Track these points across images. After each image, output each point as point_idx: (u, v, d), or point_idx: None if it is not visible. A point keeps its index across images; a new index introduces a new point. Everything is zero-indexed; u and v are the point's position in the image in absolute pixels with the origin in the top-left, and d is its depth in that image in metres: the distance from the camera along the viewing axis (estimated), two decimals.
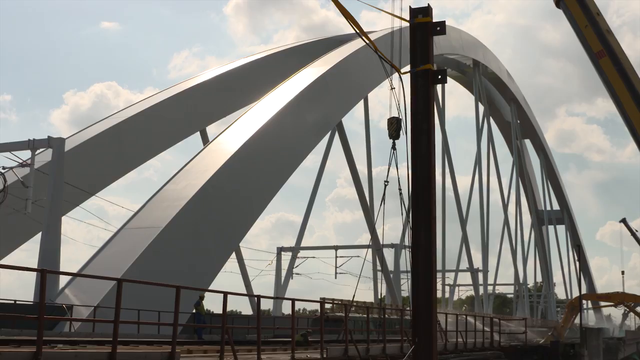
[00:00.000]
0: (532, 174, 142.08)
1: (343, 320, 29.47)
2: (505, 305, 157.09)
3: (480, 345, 42.28)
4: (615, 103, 35.88)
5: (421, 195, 14.56)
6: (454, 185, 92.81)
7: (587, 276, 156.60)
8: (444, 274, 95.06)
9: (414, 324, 14.27)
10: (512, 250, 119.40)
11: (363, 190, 64.15)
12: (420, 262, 14.25)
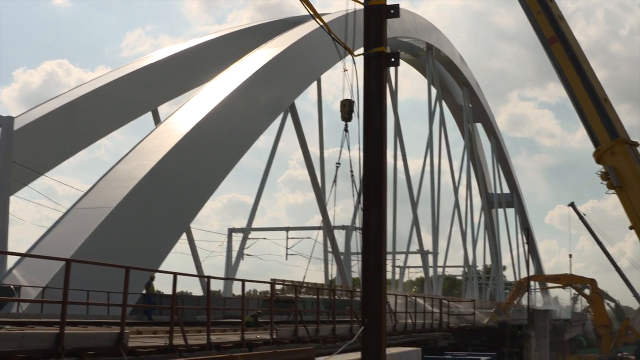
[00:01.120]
0: (483, 158, 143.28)
1: (293, 301, 29.54)
2: (455, 287, 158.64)
3: (429, 326, 42.64)
4: (566, 88, 36.21)
5: (372, 177, 14.60)
6: (405, 168, 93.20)
7: (535, 259, 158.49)
8: (395, 256, 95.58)
9: (364, 305, 14.33)
10: (462, 232, 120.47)
11: (315, 171, 64.17)
12: (370, 243, 14.31)
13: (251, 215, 76.45)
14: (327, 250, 72.47)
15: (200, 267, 58.41)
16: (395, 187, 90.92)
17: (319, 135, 74.85)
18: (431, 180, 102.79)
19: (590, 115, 34.72)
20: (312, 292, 41.04)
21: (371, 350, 14.21)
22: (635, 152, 34.25)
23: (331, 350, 14.75)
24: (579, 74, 35.36)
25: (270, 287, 32.10)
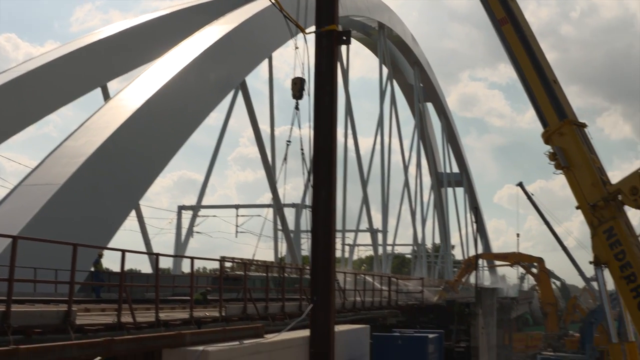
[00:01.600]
0: (433, 137, 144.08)
1: (242, 279, 29.53)
2: (404, 265, 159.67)
3: (378, 304, 42.91)
4: (516, 69, 36.40)
5: (322, 155, 14.62)
6: (355, 146, 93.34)
7: (483, 238, 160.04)
8: (344, 234, 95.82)
9: (313, 282, 14.39)
10: (412, 211, 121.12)
11: (265, 149, 64.01)
12: (320, 221, 14.35)
13: (201, 193, 76.13)
14: (277, 228, 72.46)
15: (149, 244, 58.06)
16: (345, 166, 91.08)
17: (269, 113, 74.72)
18: (381, 159, 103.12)
19: (539, 96, 34.97)
20: (261, 269, 41.01)
21: (320, 327, 14.28)
22: (583, 134, 34.57)
23: (280, 328, 14.79)
24: (529, 55, 35.56)
25: (219, 265, 32.06)
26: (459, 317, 47.69)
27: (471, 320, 47.90)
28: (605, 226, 32.64)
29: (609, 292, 37.73)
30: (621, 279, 32.29)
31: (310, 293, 14.34)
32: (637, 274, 31.73)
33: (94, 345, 13.81)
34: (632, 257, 31.97)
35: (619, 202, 32.77)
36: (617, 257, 32.28)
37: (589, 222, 33.45)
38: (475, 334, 47.56)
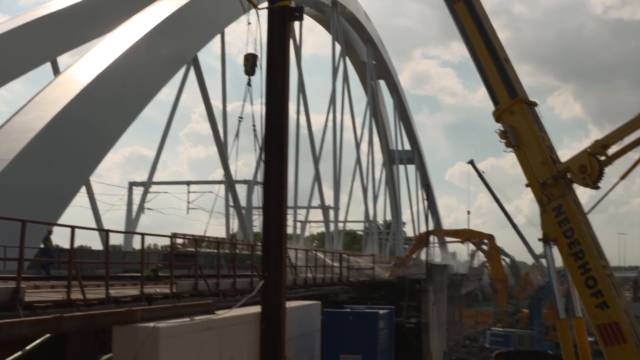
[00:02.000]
0: (385, 114, 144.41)
1: (194, 255, 29.45)
2: (355, 242, 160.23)
3: (330, 280, 43.07)
4: (468, 48, 36.48)
5: (274, 132, 14.60)
6: (308, 123, 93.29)
7: (434, 215, 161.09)
8: (296, 211, 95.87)
9: (264, 259, 14.40)
10: (363, 188, 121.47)
11: (217, 125, 63.76)
12: (271, 197, 14.34)
13: (152, 169, 75.63)
14: (228, 204, 72.30)
15: (100, 221, 57.65)
16: (297, 142, 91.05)
17: (221, 89, 74.41)
18: (333, 136, 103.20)
19: (490, 74, 35.11)
20: (213, 246, 40.92)
21: (271, 303, 14.31)
22: (534, 112, 34.79)
23: (231, 304, 14.79)
24: (481, 34, 35.65)
25: (170, 241, 31.96)
26: (410, 293, 48.01)
27: (422, 297, 48.22)
28: (554, 204, 32.98)
29: (557, 268, 38.20)
30: (569, 256, 32.68)
31: (262, 269, 14.35)
32: (585, 251, 32.14)
33: (43, 323, 13.69)
34: (580, 234, 32.36)
35: (568, 180, 33.12)
36: (566, 234, 32.65)
37: (538, 199, 33.78)
38: (425, 310, 47.91)
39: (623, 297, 33.60)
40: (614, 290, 32.07)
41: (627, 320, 31.82)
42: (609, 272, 32.75)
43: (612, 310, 31.64)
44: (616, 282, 33.34)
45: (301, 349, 16.46)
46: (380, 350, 16.17)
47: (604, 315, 31.84)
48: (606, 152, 32.20)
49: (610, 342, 31.71)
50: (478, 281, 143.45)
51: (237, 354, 13.55)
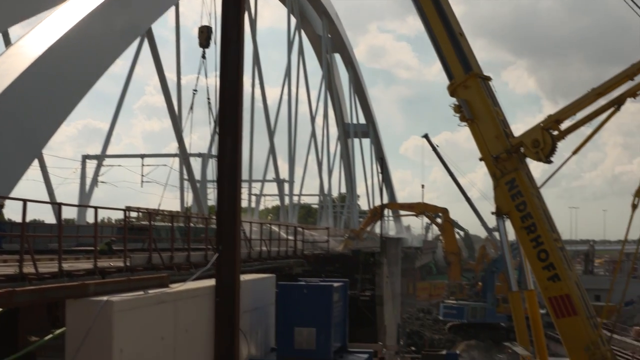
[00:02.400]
0: (340, 88, 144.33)
1: (148, 228, 29.34)
2: (310, 215, 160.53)
3: (284, 253, 43.17)
4: (423, 22, 36.49)
5: (229, 105, 14.52)
6: (263, 96, 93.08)
7: (389, 188, 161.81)
8: (251, 184, 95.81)
9: (218, 232, 14.36)
10: (318, 161, 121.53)
11: (171, 98, 63.30)
12: (225, 171, 14.28)
13: (106, 142, 74.87)
14: (183, 177, 71.97)
15: (52, 194, 57.08)
16: (252, 116, 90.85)
17: (176, 62, 73.74)
18: (288, 110, 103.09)
19: (445, 49, 35.18)
20: (167, 219, 40.77)
21: (225, 276, 14.29)
22: (488, 87, 34.97)
23: (185, 277, 14.76)
24: (436, 7, 35.68)
25: (124, 215, 31.79)
26: (364, 266, 48.28)
27: (376, 270, 48.54)
28: (508, 178, 33.25)
29: (510, 242, 38.61)
30: (522, 230, 33.01)
31: (216, 243, 14.32)
32: (537, 224, 32.49)
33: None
34: (533, 208, 32.69)
35: (521, 154, 33.40)
36: (519, 208, 32.97)
37: (491, 173, 34.03)
38: (379, 282, 48.22)
39: (574, 270, 34.06)
40: (565, 263, 32.49)
41: (578, 293, 32.27)
42: (560, 246, 33.16)
43: (563, 283, 32.07)
44: (568, 256, 33.78)
45: (255, 321, 16.48)
46: (334, 322, 16.22)
47: (555, 287, 32.25)
48: (559, 126, 32.52)
49: (561, 314, 32.16)
50: (432, 254, 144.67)
51: (192, 327, 13.53)
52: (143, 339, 11.96)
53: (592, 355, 31.36)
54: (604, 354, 31.65)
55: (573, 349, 32.24)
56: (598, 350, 31.51)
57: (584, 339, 31.73)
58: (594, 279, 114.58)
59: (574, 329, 32.01)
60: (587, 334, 31.74)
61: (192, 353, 13.68)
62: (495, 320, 78.19)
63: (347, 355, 17.37)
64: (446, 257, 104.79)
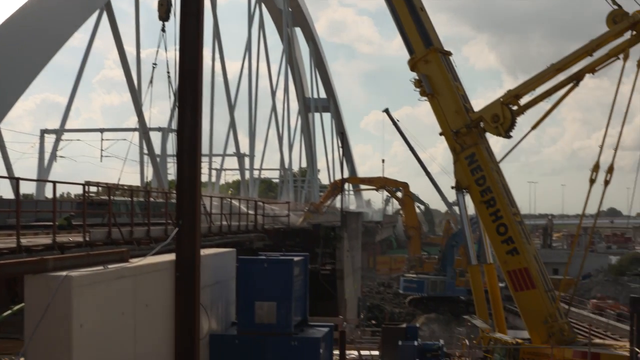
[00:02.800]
0: (301, 62, 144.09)
1: (108, 203, 29.17)
2: (271, 190, 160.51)
3: (245, 228, 43.15)
4: None
5: (188, 78, 14.43)
6: (223, 70, 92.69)
7: (349, 162, 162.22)
8: (211, 158, 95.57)
9: (179, 207, 14.30)
10: (279, 136, 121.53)
11: (131, 72, 62.83)
12: (185, 145, 14.21)
13: (64, 116, 74.25)
14: (142, 152, 71.57)
15: (10, 169, 56.53)
16: (212, 90, 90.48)
17: (135, 35, 73.09)
18: (249, 84, 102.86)
19: (406, 23, 35.21)
20: (127, 194, 40.55)
21: (185, 251, 14.25)
22: (448, 62, 35.09)
23: (145, 252, 14.71)
24: None
25: (83, 190, 31.58)
26: (325, 240, 48.36)
27: (336, 244, 48.64)
28: (467, 152, 33.44)
29: (470, 216, 38.89)
30: (481, 204, 33.26)
31: (176, 217, 14.26)
32: (496, 199, 32.74)
33: None
34: (492, 182, 32.92)
35: (481, 129, 33.59)
36: (478, 182, 33.19)
37: (451, 148, 34.20)
38: (340, 256, 48.34)
39: (533, 244, 34.41)
40: (524, 237, 32.81)
41: (536, 267, 32.61)
42: (519, 220, 33.47)
43: (522, 257, 32.39)
44: (526, 230, 34.11)
45: (216, 296, 16.47)
46: (295, 296, 16.26)
47: (514, 261, 32.57)
48: (518, 102, 32.74)
49: (520, 288, 32.50)
50: (392, 228, 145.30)
51: (152, 302, 13.49)
52: (103, 314, 11.90)
53: (550, 327, 31.75)
54: (561, 327, 32.05)
55: (531, 322, 32.62)
56: (556, 322, 31.91)
57: (542, 311, 32.10)
58: (552, 252, 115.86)
59: (533, 302, 32.37)
60: (545, 307, 32.11)
61: (153, 328, 13.65)
62: (455, 293, 78.77)
63: (308, 328, 17.42)
64: (406, 231, 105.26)
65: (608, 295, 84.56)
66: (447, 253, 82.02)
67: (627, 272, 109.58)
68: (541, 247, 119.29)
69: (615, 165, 31.08)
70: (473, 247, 38.53)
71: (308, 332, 16.99)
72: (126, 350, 12.77)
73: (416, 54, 34.80)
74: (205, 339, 15.64)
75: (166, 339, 14.23)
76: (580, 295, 79.39)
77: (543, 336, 31.89)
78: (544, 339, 31.70)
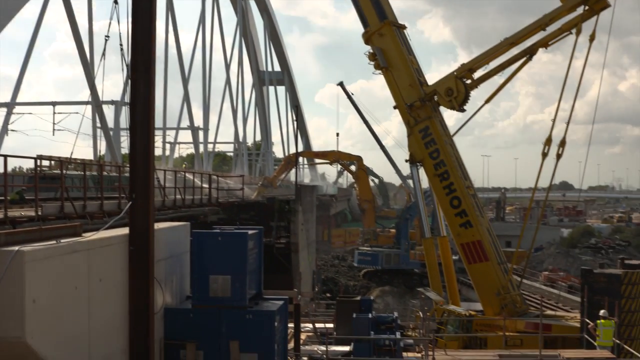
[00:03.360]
0: (255, 35, 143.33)
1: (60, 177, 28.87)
2: (225, 163, 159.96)
3: (199, 201, 42.97)
4: None
5: (141, 51, 14.29)
6: (177, 43, 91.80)
7: (304, 136, 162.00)
8: (165, 132, 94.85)
9: (132, 180, 14.21)
10: (233, 109, 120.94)
11: (83, 45, 62.04)
12: (138, 118, 14.10)
13: (16, 89, 73.09)
14: (95, 125, 70.86)
15: None
16: (166, 62, 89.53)
17: (87, 7, 72.12)
18: (203, 56, 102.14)
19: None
20: (79, 168, 40.18)
21: (139, 225, 14.18)
22: (403, 35, 35.21)
23: (99, 226, 14.61)
24: None
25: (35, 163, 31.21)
26: (279, 214, 48.36)
27: (291, 217, 48.66)
28: (421, 125, 33.64)
29: (424, 189, 39.15)
30: (435, 177, 33.51)
31: (129, 191, 14.17)
32: (450, 172, 33.00)
33: None
34: (446, 156, 33.16)
35: (435, 102, 33.79)
36: (432, 155, 33.42)
37: (405, 121, 34.36)
38: (295, 230, 48.40)
39: (486, 217, 34.79)
40: (477, 210, 33.14)
41: (489, 239, 32.99)
42: (473, 193, 33.79)
43: (475, 230, 32.74)
44: (480, 203, 34.45)
45: (170, 270, 16.42)
46: (249, 270, 16.26)
47: (467, 234, 32.92)
48: (472, 75, 32.96)
49: (473, 260, 32.88)
50: (347, 202, 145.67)
51: (106, 276, 13.41)
52: (56, 289, 11.83)
53: (502, 299, 32.18)
54: (514, 298, 32.49)
55: (484, 294, 33.03)
56: (508, 294, 32.34)
57: (495, 284, 32.52)
58: (504, 225, 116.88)
59: (485, 274, 32.77)
60: (498, 279, 32.53)
61: (107, 302, 13.60)
62: (409, 266, 79.23)
63: (263, 302, 17.46)
64: (360, 205, 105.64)
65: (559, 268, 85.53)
66: (401, 226, 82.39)
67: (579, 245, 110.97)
68: (494, 220, 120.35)
69: (567, 139, 31.51)
70: (427, 220, 38.80)
71: (263, 306, 17.03)
72: (80, 324, 12.71)
73: (370, 27, 34.86)
74: (159, 313, 15.62)
75: (120, 313, 14.18)
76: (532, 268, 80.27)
77: (496, 308, 32.32)
78: (497, 310, 32.13)
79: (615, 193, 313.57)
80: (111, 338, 13.87)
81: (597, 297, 27.33)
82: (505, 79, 33.11)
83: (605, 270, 30.21)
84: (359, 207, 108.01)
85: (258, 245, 17.49)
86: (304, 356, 20.23)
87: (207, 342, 16.17)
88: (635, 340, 26.90)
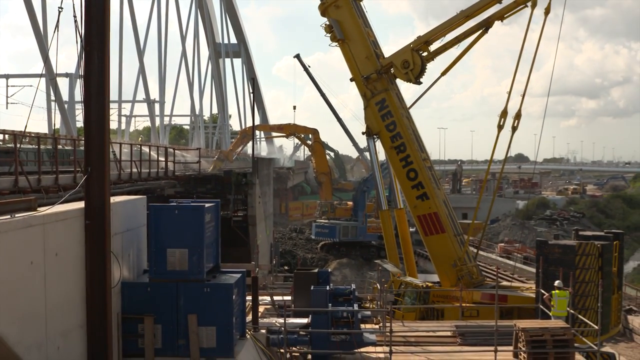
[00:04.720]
0: (211, 7, 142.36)
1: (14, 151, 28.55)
2: (181, 136, 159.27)
3: (155, 174, 42.78)
4: None
5: (95, 22, 14.12)
6: (131, 15, 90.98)
7: (261, 109, 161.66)
8: (120, 105, 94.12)
9: (87, 154, 14.07)
10: (189, 82, 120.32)
11: (36, 16, 61.22)
12: (92, 90, 13.95)
13: None
14: (50, 98, 70.11)
15: None
16: (121, 35, 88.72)
17: None
18: (158, 29, 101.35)
19: None
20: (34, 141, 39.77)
21: (95, 199, 14.07)
22: (359, 7, 35.13)
23: (54, 201, 14.49)
24: None
25: None
26: (237, 187, 48.28)
27: (248, 190, 48.61)
28: (378, 98, 33.66)
29: (380, 162, 39.25)
30: (392, 149, 33.58)
31: (84, 164, 14.04)
32: (407, 144, 33.10)
33: None
34: (402, 128, 33.24)
35: (392, 75, 33.80)
36: (388, 128, 33.48)
37: (362, 94, 34.36)
38: (252, 203, 48.38)
39: (442, 189, 34.96)
40: (434, 183, 33.31)
41: (445, 211, 33.19)
42: (429, 165, 33.93)
43: (431, 202, 32.90)
44: (436, 175, 34.61)
45: (127, 244, 16.33)
46: (206, 243, 16.23)
47: (424, 206, 33.08)
48: (429, 48, 32.98)
49: (430, 232, 33.07)
50: (304, 175, 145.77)
51: (62, 251, 13.31)
52: (11, 264, 11.72)
53: (459, 271, 32.45)
54: (470, 270, 32.78)
55: (441, 265, 33.27)
56: (465, 266, 32.61)
57: (451, 255, 32.76)
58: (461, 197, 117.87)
59: (442, 246, 32.99)
60: (454, 250, 32.77)
61: (63, 277, 13.50)
62: (367, 238, 79.50)
63: (220, 275, 17.45)
64: (317, 178, 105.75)
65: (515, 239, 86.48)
66: (359, 198, 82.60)
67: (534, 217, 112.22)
68: (450, 192, 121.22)
69: (523, 112, 31.76)
70: (384, 193, 38.93)
71: (220, 279, 17.01)
72: (36, 299, 12.62)
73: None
74: (117, 287, 15.55)
75: (77, 287, 14.10)
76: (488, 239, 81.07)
77: (452, 279, 32.59)
78: (453, 282, 32.40)
79: (570, 165, 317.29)
80: (68, 313, 13.78)
81: (551, 268, 27.60)
82: (462, 52, 33.18)
83: (560, 242, 30.49)
84: (316, 180, 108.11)
85: (215, 219, 17.45)
86: (262, 329, 20.26)
87: (165, 315, 16.14)
88: (589, 310, 27.24)
